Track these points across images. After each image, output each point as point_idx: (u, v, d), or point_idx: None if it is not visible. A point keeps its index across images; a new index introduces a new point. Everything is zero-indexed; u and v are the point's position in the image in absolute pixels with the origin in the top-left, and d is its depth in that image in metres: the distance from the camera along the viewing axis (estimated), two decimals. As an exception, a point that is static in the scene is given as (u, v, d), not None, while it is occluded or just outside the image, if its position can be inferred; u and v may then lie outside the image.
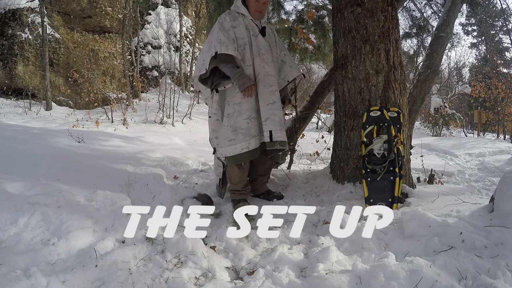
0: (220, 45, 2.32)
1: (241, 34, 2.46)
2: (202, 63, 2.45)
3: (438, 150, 6.30)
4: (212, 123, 2.50)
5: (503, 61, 19.69)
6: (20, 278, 1.42)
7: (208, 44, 2.44)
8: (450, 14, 3.62)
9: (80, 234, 1.77)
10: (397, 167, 2.39)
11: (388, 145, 2.44)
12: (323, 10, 4.30)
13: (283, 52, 2.72)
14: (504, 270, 1.42)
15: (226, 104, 2.44)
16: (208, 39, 2.49)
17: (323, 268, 1.56)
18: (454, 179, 4.17)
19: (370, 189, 2.39)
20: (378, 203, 2.32)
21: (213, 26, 2.53)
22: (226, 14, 2.52)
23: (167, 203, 2.43)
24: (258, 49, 2.47)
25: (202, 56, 2.49)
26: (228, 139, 2.40)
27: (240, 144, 2.39)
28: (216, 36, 2.39)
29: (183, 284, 1.49)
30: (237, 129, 2.39)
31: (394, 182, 2.36)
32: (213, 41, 2.39)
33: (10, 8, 10.72)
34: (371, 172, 2.42)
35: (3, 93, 10.53)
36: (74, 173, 2.49)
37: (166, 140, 5.69)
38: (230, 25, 2.45)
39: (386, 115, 2.49)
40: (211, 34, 2.48)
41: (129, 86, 11.75)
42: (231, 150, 2.41)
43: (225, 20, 2.47)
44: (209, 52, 2.37)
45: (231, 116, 2.41)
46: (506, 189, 1.89)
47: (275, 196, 2.70)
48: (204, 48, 2.51)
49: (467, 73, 24.24)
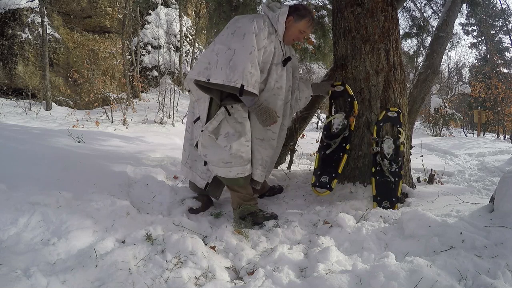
0: (250, 77, 1.98)
1: (266, 59, 2.16)
2: (206, 66, 2.08)
3: (438, 150, 6.30)
4: (204, 137, 2.16)
5: (503, 61, 19.70)
6: (20, 278, 1.42)
7: (227, 47, 2.04)
8: (450, 14, 3.62)
9: (80, 234, 1.77)
10: (348, 144, 2.46)
11: (346, 122, 2.51)
12: (323, 10, 4.30)
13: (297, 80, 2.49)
14: (504, 270, 1.42)
15: (225, 121, 2.13)
16: (227, 39, 2.08)
17: (323, 268, 1.56)
18: (454, 179, 4.18)
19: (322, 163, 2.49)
20: (322, 177, 2.42)
21: (243, 25, 2.07)
22: (265, 25, 2.11)
23: (167, 203, 2.43)
24: (272, 80, 2.21)
25: (210, 57, 2.09)
26: (224, 161, 2.14)
27: (236, 168, 2.16)
28: (245, 54, 1.99)
29: (183, 284, 1.49)
30: (236, 152, 2.12)
31: (342, 158, 2.44)
32: (239, 55, 1.99)
33: (10, 8, 10.73)
34: (325, 146, 2.51)
35: (3, 93, 10.54)
36: (74, 173, 2.49)
37: (166, 140, 5.70)
38: (263, 44, 2.09)
39: (349, 91, 2.54)
40: (236, 36, 2.05)
41: (129, 86, 11.76)
42: (224, 172, 2.19)
43: (261, 34, 2.07)
44: (228, 64, 1.99)
45: (231, 137, 2.11)
46: (506, 189, 1.89)
47: (277, 190, 2.76)
48: (217, 48, 2.08)
49: (467, 73, 24.27)
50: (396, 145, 2.47)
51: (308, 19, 2.27)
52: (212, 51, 2.10)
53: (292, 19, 2.23)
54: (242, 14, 3.95)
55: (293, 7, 2.26)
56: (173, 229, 1.99)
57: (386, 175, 2.43)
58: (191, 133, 2.43)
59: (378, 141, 2.50)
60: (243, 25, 2.08)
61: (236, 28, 2.10)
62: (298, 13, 2.25)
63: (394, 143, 2.48)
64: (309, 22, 2.29)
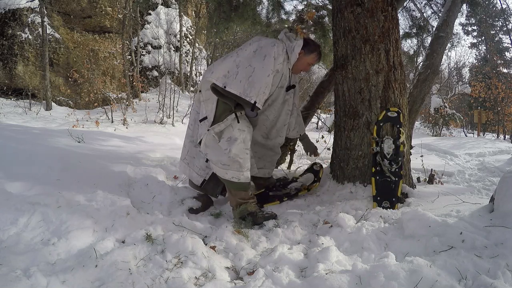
0: (262, 96, 2.23)
1: (274, 82, 2.39)
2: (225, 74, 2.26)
3: (438, 150, 6.29)
4: (208, 137, 2.28)
5: (503, 61, 19.70)
6: (20, 278, 1.42)
7: (248, 63, 2.24)
8: (450, 14, 3.62)
9: (80, 234, 1.77)
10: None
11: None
12: (323, 10, 4.30)
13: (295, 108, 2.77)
14: (504, 270, 1.42)
15: (230, 126, 2.25)
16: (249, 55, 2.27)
17: (323, 268, 1.56)
18: (454, 179, 4.17)
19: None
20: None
21: (265, 46, 2.28)
22: (282, 52, 2.34)
23: (167, 203, 2.43)
24: (271, 101, 2.51)
25: (231, 67, 2.27)
26: (222, 163, 2.26)
27: (232, 172, 2.25)
28: (264, 76, 2.22)
29: (183, 284, 1.49)
30: (235, 157, 2.22)
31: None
32: (258, 75, 2.21)
33: (10, 8, 10.72)
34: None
35: (3, 93, 10.54)
36: (74, 173, 2.49)
37: (166, 140, 5.69)
38: (277, 68, 2.32)
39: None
40: (258, 56, 2.25)
41: (129, 86, 11.76)
42: (221, 172, 2.29)
43: (278, 59, 2.30)
44: (247, 80, 2.20)
45: (233, 142, 2.21)
46: (506, 189, 1.89)
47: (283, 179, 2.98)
48: (238, 61, 2.27)
49: (467, 73, 24.28)
50: (396, 145, 2.48)
51: (316, 53, 2.55)
52: (233, 62, 2.29)
53: (303, 52, 2.47)
54: (242, 14, 3.95)
55: (305, 41, 2.48)
56: (173, 229, 1.99)
57: (387, 175, 2.44)
58: (193, 131, 2.53)
59: (378, 141, 2.50)
60: (265, 47, 2.29)
61: (258, 47, 2.30)
62: (309, 48, 2.49)
63: (394, 143, 2.48)
64: (317, 57, 2.57)
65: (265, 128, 2.64)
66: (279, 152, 2.86)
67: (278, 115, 2.63)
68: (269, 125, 2.64)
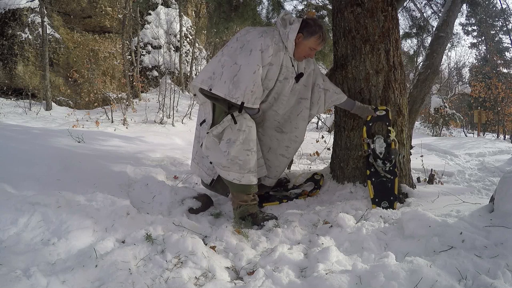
0: (250, 96, 2.07)
1: (271, 76, 2.22)
2: (210, 75, 2.16)
3: (438, 150, 6.29)
4: (208, 140, 2.26)
5: (503, 61, 19.71)
6: (20, 278, 1.42)
7: (233, 62, 2.11)
8: (450, 14, 3.62)
9: (80, 234, 1.77)
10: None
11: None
12: (323, 10, 4.31)
13: (324, 82, 2.49)
14: (504, 270, 1.42)
15: (228, 128, 2.20)
16: (234, 53, 2.14)
17: (323, 268, 1.56)
18: (454, 179, 4.17)
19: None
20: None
21: (252, 39, 2.13)
22: (273, 42, 2.14)
23: (167, 203, 2.43)
24: (277, 94, 2.33)
25: (216, 67, 2.17)
26: (222, 165, 2.23)
27: (233, 173, 2.22)
28: (250, 73, 2.06)
29: (183, 284, 1.49)
30: (234, 159, 2.18)
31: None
32: (244, 73, 2.07)
33: (10, 8, 10.71)
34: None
35: (3, 93, 10.52)
36: (74, 173, 2.49)
37: (166, 140, 5.70)
38: (269, 61, 2.15)
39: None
40: (244, 51, 2.11)
41: (129, 86, 11.74)
42: (223, 173, 2.28)
43: (267, 51, 2.12)
44: (232, 80, 2.07)
45: (232, 144, 2.17)
46: (506, 189, 1.88)
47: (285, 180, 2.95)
48: (223, 60, 2.15)
49: (467, 73, 24.31)
50: (387, 143, 2.47)
51: (318, 35, 2.23)
52: (218, 62, 2.18)
53: (302, 36, 2.21)
54: (242, 14, 3.93)
55: (304, 22, 2.22)
56: (173, 229, 1.99)
57: (382, 175, 2.43)
58: (199, 132, 2.54)
59: (369, 142, 2.50)
60: (252, 40, 2.13)
61: (245, 41, 2.15)
62: (308, 30, 2.21)
63: (385, 141, 2.48)
64: (319, 39, 2.25)
65: (277, 122, 2.45)
66: (300, 140, 2.55)
67: (289, 107, 2.44)
68: (281, 119, 2.45)
